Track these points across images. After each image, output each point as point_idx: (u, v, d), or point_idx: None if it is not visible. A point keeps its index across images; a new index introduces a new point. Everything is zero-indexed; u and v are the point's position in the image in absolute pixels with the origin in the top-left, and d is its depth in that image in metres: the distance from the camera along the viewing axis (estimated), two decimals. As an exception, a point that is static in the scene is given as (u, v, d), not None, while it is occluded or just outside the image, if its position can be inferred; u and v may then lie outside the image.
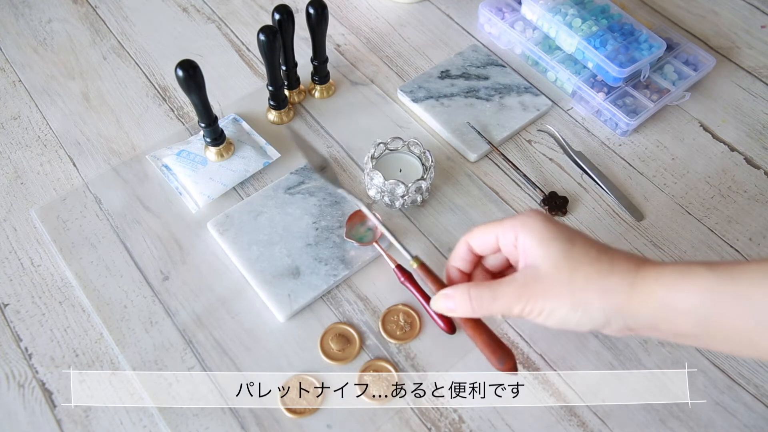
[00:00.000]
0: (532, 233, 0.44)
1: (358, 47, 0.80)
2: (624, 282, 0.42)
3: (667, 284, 0.41)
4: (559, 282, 0.42)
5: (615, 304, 0.42)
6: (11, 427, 0.52)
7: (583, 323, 0.43)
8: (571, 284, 0.42)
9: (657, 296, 0.41)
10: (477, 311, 0.46)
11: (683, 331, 0.41)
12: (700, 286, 0.40)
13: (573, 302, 0.42)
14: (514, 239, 0.45)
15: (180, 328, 0.57)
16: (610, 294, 0.42)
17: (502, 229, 0.45)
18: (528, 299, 0.43)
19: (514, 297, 0.44)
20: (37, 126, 0.71)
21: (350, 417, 0.53)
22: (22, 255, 0.61)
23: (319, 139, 0.71)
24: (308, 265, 0.59)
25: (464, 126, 0.71)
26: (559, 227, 0.44)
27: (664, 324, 0.41)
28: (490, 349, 0.49)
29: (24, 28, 0.81)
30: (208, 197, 0.64)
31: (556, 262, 0.43)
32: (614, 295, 0.42)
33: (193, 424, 0.52)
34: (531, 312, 0.43)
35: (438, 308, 0.48)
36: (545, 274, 0.43)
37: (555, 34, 0.76)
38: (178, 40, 0.80)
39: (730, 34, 0.84)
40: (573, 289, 0.42)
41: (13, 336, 0.57)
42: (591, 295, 0.42)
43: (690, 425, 0.53)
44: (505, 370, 0.49)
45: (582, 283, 0.42)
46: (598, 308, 0.42)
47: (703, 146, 0.72)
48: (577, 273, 0.42)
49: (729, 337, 0.40)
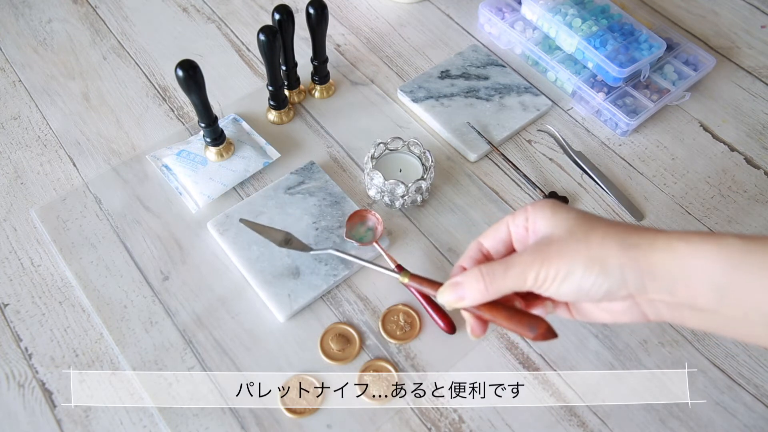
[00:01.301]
0: (543, 210, 0.42)
1: (358, 47, 0.80)
2: (645, 238, 0.39)
3: (692, 243, 0.38)
4: (575, 241, 0.40)
5: (633, 260, 0.39)
6: (11, 427, 0.52)
7: (599, 283, 0.39)
8: (587, 241, 0.40)
9: (680, 254, 0.38)
10: (490, 289, 0.42)
11: (699, 300, 0.39)
12: (726, 251, 0.37)
13: (589, 258, 0.39)
14: (525, 221, 0.43)
15: (180, 328, 0.57)
16: (629, 248, 0.39)
17: (512, 217, 0.44)
18: (542, 263, 0.40)
19: (527, 263, 0.41)
20: (37, 126, 0.71)
21: (350, 417, 0.53)
22: (22, 255, 0.61)
23: (319, 139, 0.71)
24: (308, 265, 0.59)
25: (464, 126, 0.71)
26: (570, 208, 0.43)
27: (682, 288, 0.39)
28: (516, 321, 0.43)
29: (24, 28, 0.81)
30: (208, 197, 0.64)
31: (569, 227, 0.41)
32: (633, 249, 0.39)
33: (193, 424, 0.52)
34: (546, 278, 0.40)
35: (447, 299, 0.44)
36: (558, 237, 0.41)
37: (555, 34, 0.76)
38: (178, 40, 0.80)
39: (730, 34, 0.84)
40: (589, 245, 0.39)
41: (13, 336, 0.57)
42: (608, 250, 0.39)
43: (690, 425, 0.53)
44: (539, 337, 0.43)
45: (599, 238, 0.40)
46: (616, 264, 0.39)
47: (703, 146, 0.72)
48: (594, 231, 0.40)
49: (746, 314, 0.38)
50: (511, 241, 0.45)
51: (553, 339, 0.43)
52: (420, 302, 0.58)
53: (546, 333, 0.43)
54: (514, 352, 0.57)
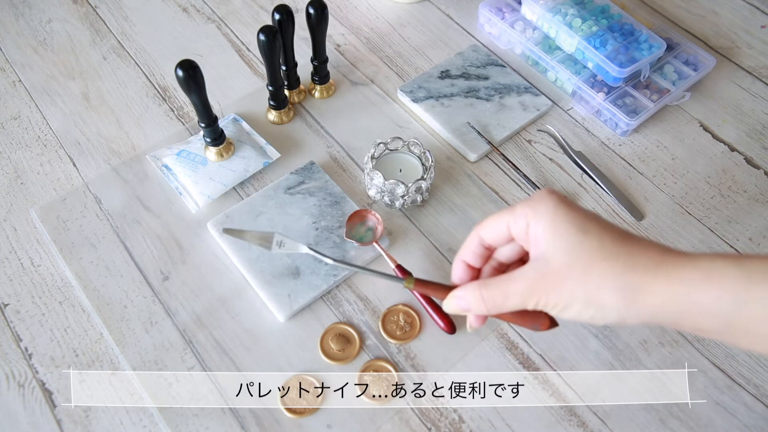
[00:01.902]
0: (543, 221, 0.42)
1: (358, 47, 0.80)
2: (643, 280, 0.39)
3: (691, 284, 0.38)
4: (572, 279, 0.41)
5: (631, 303, 0.40)
6: (11, 427, 0.52)
7: (597, 318, 0.41)
8: (585, 282, 0.40)
9: (679, 296, 0.39)
10: (492, 310, 0.44)
11: (706, 328, 0.39)
12: (727, 287, 0.38)
13: (587, 300, 0.40)
14: (526, 226, 0.43)
15: (180, 328, 0.57)
16: (626, 293, 0.39)
17: (513, 217, 0.43)
18: (541, 294, 0.42)
19: (526, 294, 0.42)
20: (37, 126, 0.71)
21: (350, 417, 0.53)
22: (22, 255, 0.61)
23: (319, 139, 0.71)
24: (308, 265, 0.59)
25: (464, 126, 0.71)
26: (572, 212, 0.42)
27: (686, 322, 0.39)
28: (520, 318, 0.46)
29: (24, 28, 0.81)
30: (208, 197, 0.64)
31: (567, 256, 0.41)
32: (631, 293, 0.39)
33: (193, 424, 0.52)
34: (545, 306, 0.42)
35: (452, 310, 0.47)
36: (557, 269, 0.41)
37: (555, 34, 0.76)
38: (178, 40, 0.80)
39: (730, 34, 0.84)
40: (587, 288, 0.40)
41: (13, 336, 0.57)
42: (606, 293, 0.40)
43: (690, 425, 0.53)
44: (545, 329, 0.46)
45: (596, 280, 0.40)
46: (613, 307, 0.40)
47: (703, 146, 0.72)
48: (592, 269, 0.40)
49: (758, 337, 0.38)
50: (511, 237, 0.45)
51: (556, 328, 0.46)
52: (420, 302, 0.58)
53: (549, 327, 0.46)
54: (514, 352, 0.57)
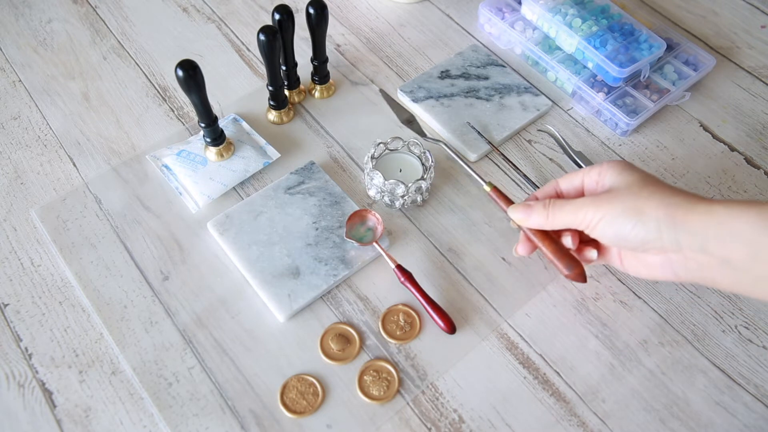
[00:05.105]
0: (614, 168, 0.49)
1: (358, 47, 0.80)
2: (688, 200, 0.45)
3: (731, 208, 0.43)
4: (627, 193, 0.47)
5: (670, 216, 0.45)
6: (11, 427, 0.52)
7: (635, 232, 0.46)
8: (636, 195, 0.47)
9: (717, 215, 0.43)
10: (550, 218, 0.51)
11: (733, 257, 0.43)
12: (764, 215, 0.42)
13: (631, 207, 0.46)
14: (597, 175, 0.50)
15: (180, 328, 0.57)
16: (669, 206, 0.45)
17: (588, 170, 0.52)
18: (594, 206, 0.48)
19: (583, 205, 0.49)
20: (37, 126, 0.71)
21: (350, 417, 0.53)
22: (22, 255, 0.61)
23: (319, 139, 0.71)
24: (308, 265, 0.59)
25: (464, 126, 0.71)
26: (636, 170, 0.49)
27: (715, 245, 0.43)
28: (558, 255, 0.52)
29: (24, 28, 0.81)
30: (208, 197, 0.64)
31: (629, 182, 0.48)
32: (673, 207, 0.45)
33: (193, 424, 0.52)
34: (593, 218, 0.48)
35: (516, 216, 0.54)
36: (617, 189, 0.48)
37: (555, 34, 0.76)
38: (178, 40, 0.80)
39: (730, 34, 0.84)
40: (636, 199, 0.46)
41: (13, 336, 0.57)
42: (652, 204, 0.46)
43: (690, 425, 0.53)
44: (573, 277, 0.53)
45: (646, 194, 0.46)
46: (653, 217, 0.45)
47: (703, 146, 0.72)
48: (647, 187, 0.47)
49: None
50: (582, 189, 0.53)
51: (583, 283, 0.53)
52: (420, 302, 0.58)
53: (579, 275, 0.52)
54: (514, 352, 0.57)
